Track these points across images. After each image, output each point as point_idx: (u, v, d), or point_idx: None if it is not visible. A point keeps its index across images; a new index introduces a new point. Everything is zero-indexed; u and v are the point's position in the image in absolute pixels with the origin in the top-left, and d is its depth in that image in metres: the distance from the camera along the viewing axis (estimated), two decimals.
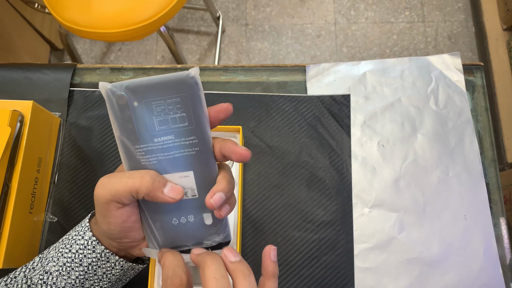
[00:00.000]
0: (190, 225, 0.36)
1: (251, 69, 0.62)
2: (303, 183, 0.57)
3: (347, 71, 0.62)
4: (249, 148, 0.57)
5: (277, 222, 0.55)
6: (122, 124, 0.32)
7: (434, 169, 0.57)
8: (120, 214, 0.34)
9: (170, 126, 0.32)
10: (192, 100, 0.32)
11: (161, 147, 0.33)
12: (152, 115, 0.32)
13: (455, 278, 0.53)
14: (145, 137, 0.33)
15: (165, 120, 0.32)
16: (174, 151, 0.33)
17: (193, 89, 0.31)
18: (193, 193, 0.35)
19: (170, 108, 0.32)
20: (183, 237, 0.37)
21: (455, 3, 1.56)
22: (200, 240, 0.37)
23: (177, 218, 0.36)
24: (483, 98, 0.60)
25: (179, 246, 0.37)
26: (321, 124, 0.59)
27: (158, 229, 0.36)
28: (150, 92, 0.31)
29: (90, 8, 0.95)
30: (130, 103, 0.32)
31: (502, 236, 0.55)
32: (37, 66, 0.62)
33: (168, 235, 0.37)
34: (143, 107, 0.32)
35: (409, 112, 0.59)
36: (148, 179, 0.33)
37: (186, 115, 0.32)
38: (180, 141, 0.33)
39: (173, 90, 0.31)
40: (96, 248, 0.37)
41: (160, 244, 0.37)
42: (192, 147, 0.33)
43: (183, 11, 1.60)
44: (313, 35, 1.55)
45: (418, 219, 0.55)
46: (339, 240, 0.54)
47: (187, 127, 0.32)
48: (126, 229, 0.35)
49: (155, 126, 0.32)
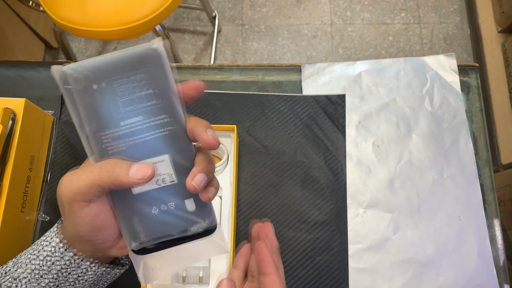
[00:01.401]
0: (172, 213, 0.33)
1: (247, 69, 0.62)
2: (298, 183, 0.56)
3: (342, 71, 0.62)
4: (244, 148, 0.57)
5: (272, 222, 0.55)
6: (82, 111, 0.29)
7: (429, 169, 0.57)
8: (86, 213, 0.31)
9: (137, 106, 0.29)
10: (158, 75, 0.29)
11: (129, 131, 0.30)
12: (115, 96, 0.29)
13: (449, 279, 0.53)
14: (110, 122, 0.30)
15: (131, 100, 0.29)
16: (145, 134, 0.30)
17: (158, 63, 0.28)
18: (171, 179, 0.32)
19: (135, 85, 0.29)
20: (166, 227, 0.33)
21: (450, 5, 1.57)
22: (185, 227, 0.33)
23: (157, 206, 0.32)
24: (477, 99, 0.60)
25: (163, 236, 0.33)
26: (316, 124, 0.59)
27: (136, 222, 0.33)
28: (110, 70, 0.28)
29: (85, 6, 0.95)
30: (88, 86, 0.29)
31: (496, 237, 0.55)
32: (30, 64, 0.61)
33: (149, 226, 0.33)
34: (104, 89, 0.29)
35: (404, 113, 0.59)
36: (107, 168, 0.30)
37: (153, 92, 0.29)
38: (150, 121, 0.30)
39: (135, 65, 0.28)
40: (64, 255, 0.34)
41: (141, 238, 0.33)
42: (164, 127, 0.30)
43: (179, 10, 1.59)
44: (309, 36, 1.55)
45: (413, 219, 0.55)
46: (333, 241, 0.54)
47: (156, 105, 0.30)
48: (96, 228, 0.32)
49: (120, 108, 0.29)
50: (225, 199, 0.53)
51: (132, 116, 0.30)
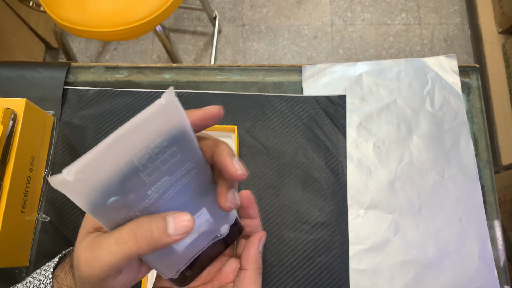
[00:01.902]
0: (203, 234, 0.32)
1: (247, 69, 0.62)
2: (298, 184, 0.56)
3: (343, 72, 0.62)
4: (244, 148, 0.57)
5: (272, 223, 0.55)
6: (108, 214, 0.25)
7: (430, 171, 0.57)
8: (118, 281, 0.28)
9: (161, 169, 0.25)
10: (174, 130, 0.24)
11: (157, 195, 0.27)
12: (138, 172, 0.24)
13: (450, 280, 0.53)
14: (135, 200, 0.26)
15: (155, 167, 0.25)
16: (173, 188, 0.27)
17: (174, 117, 0.24)
18: (209, 223, 0.31)
19: (156, 152, 0.24)
20: (198, 245, 0.32)
21: (451, 6, 1.57)
22: (214, 235, 0.33)
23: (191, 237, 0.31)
24: (478, 100, 0.60)
25: (196, 253, 0.32)
26: (317, 124, 0.59)
27: (171, 258, 0.31)
28: (127, 151, 0.23)
29: (85, 7, 0.95)
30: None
31: (496, 238, 0.55)
32: (31, 64, 0.61)
33: (183, 255, 0.31)
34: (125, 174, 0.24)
35: (405, 114, 0.59)
36: (143, 234, 0.25)
37: (176, 149, 0.25)
38: (175, 175, 0.27)
39: (151, 131, 0.24)
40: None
41: (178, 267, 0.32)
42: (190, 173, 0.28)
43: (179, 11, 1.59)
44: (309, 36, 1.55)
45: (413, 221, 0.55)
46: (334, 241, 0.54)
47: (179, 159, 0.26)
48: (125, 286, 0.29)
49: (145, 180, 0.25)
50: None
51: (157, 180, 0.26)
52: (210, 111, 0.27)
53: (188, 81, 0.61)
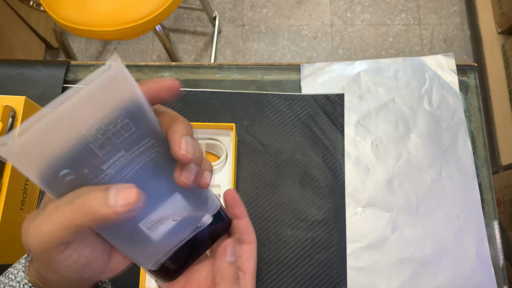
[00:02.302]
0: (180, 223, 0.30)
1: (246, 68, 0.62)
2: (296, 182, 0.56)
3: (341, 70, 0.62)
4: (243, 146, 0.57)
5: (270, 221, 0.55)
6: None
7: (427, 169, 0.57)
8: (67, 255, 0.25)
9: (115, 142, 0.24)
10: (125, 99, 0.23)
11: (114, 171, 0.25)
12: (89, 144, 0.23)
13: (448, 278, 0.53)
14: (89, 175, 0.24)
15: (107, 139, 0.24)
16: (132, 166, 0.26)
17: (123, 88, 0.23)
18: (186, 211, 0.30)
19: (106, 123, 0.23)
20: (177, 237, 0.31)
21: (450, 6, 1.57)
22: (194, 226, 0.31)
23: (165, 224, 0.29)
24: (476, 98, 0.60)
25: (175, 245, 0.31)
26: (315, 123, 0.59)
27: (145, 247, 0.29)
28: (76, 121, 0.22)
29: (85, 6, 0.95)
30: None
31: (494, 236, 0.55)
32: (31, 62, 0.61)
33: (159, 246, 0.30)
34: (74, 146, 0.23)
35: (403, 112, 0.59)
36: (80, 203, 0.23)
37: (128, 121, 0.24)
38: (133, 151, 0.25)
39: (100, 101, 0.23)
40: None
41: (156, 258, 0.31)
42: (151, 150, 0.26)
43: (179, 11, 1.60)
44: (309, 37, 1.55)
45: (411, 219, 0.55)
46: (332, 239, 0.54)
47: (135, 133, 0.25)
48: (82, 266, 0.26)
49: (97, 153, 0.24)
50: None
51: (112, 154, 0.25)
52: (164, 83, 0.26)
53: (187, 80, 0.62)
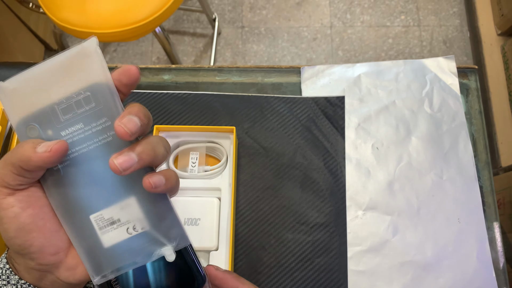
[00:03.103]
0: (135, 237, 0.29)
1: (246, 70, 0.62)
2: (297, 185, 0.56)
3: (342, 73, 0.62)
4: (243, 149, 0.57)
5: (271, 224, 0.55)
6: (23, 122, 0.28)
7: (428, 172, 0.57)
8: (10, 203, 0.27)
9: (75, 111, 0.28)
10: (92, 76, 0.27)
11: (70, 141, 0.28)
12: (54, 105, 0.27)
13: (449, 281, 0.53)
14: (50, 137, 0.28)
15: (69, 106, 0.28)
16: (88, 143, 0.28)
17: (89, 62, 0.27)
18: (141, 224, 0.29)
19: (71, 91, 0.27)
20: (127, 255, 0.29)
21: (450, 8, 1.57)
22: (149, 252, 0.29)
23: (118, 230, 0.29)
24: (477, 101, 0.60)
25: (125, 266, 0.29)
26: (316, 125, 0.59)
27: (94, 250, 0.29)
28: (46, 81, 0.27)
29: (84, 8, 0.95)
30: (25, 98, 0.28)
31: (495, 239, 0.55)
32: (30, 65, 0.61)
33: (110, 256, 0.29)
34: (41, 99, 0.28)
35: (403, 115, 0.59)
36: (18, 147, 0.27)
37: (90, 95, 0.27)
38: (91, 127, 0.28)
39: (69, 71, 0.27)
40: (11, 279, 0.29)
41: (108, 271, 0.29)
42: (106, 132, 0.28)
43: (179, 12, 1.59)
44: (309, 38, 1.55)
45: (412, 222, 0.55)
46: (332, 243, 0.54)
47: (94, 109, 0.28)
48: (23, 226, 0.27)
49: (59, 117, 0.28)
50: (224, 200, 0.53)
51: (72, 124, 0.28)
52: (122, 67, 0.28)
53: (187, 82, 0.61)
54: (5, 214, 0.27)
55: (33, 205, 0.28)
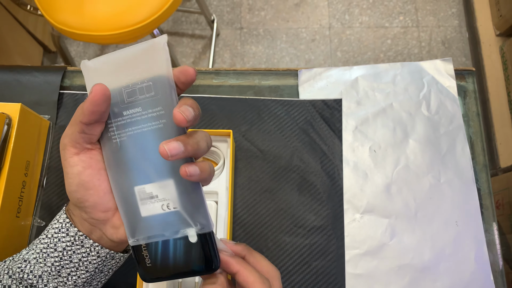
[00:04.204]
0: (167, 216, 0.33)
1: (243, 73, 0.62)
2: (294, 188, 0.56)
3: (339, 76, 0.62)
4: (240, 152, 0.57)
5: (268, 227, 0.55)
6: None
7: (426, 174, 0.57)
8: (75, 161, 0.33)
9: (138, 98, 0.32)
10: (155, 68, 0.32)
11: (129, 120, 0.33)
12: (122, 88, 0.32)
13: (446, 285, 0.52)
14: (115, 113, 0.33)
15: (133, 91, 0.32)
16: (142, 125, 0.33)
17: (156, 57, 0.31)
18: (173, 202, 0.33)
19: (137, 78, 0.32)
20: (160, 225, 0.34)
21: (449, 9, 1.57)
22: (176, 229, 0.33)
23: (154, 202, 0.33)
24: (474, 103, 0.60)
25: (155, 236, 0.34)
26: (313, 128, 0.59)
27: (134, 215, 0.34)
28: (120, 66, 0.32)
29: (82, 10, 0.95)
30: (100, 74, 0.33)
31: (493, 241, 0.55)
32: (27, 68, 0.61)
33: (142, 219, 0.34)
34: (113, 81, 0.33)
35: (401, 118, 0.59)
36: (79, 108, 0.32)
37: (152, 84, 0.32)
38: (147, 113, 0.32)
39: (139, 61, 0.32)
40: (70, 231, 0.35)
41: (140, 234, 0.34)
42: (159, 119, 0.32)
43: (178, 14, 1.59)
44: (307, 39, 1.55)
45: (410, 225, 0.55)
46: (330, 246, 0.54)
47: (153, 97, 0.32)
48: (83, 183, 0.33)
49: (124, 99, 0.33)
50: (221, 203, 0.53)
51: (133, 107, 0.32)
52: (181, 67, 0.32)
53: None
54: (70, 171, 0.33)
55: (93, 166, 0.33)
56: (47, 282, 0.35)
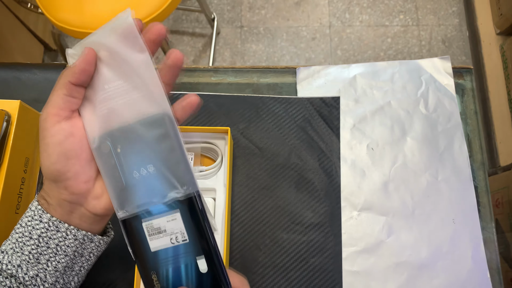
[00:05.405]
0: (153, 178, 0.33)
1: (242, 71, 0.62)
2: (292, 185, 0.56)
3: (337, 74, 0.62)
4: (238, 150, 0.57)
5: (266, 224, 0.55)
6: None
7: (423, 172, 0.57)
8: (57, 130, 0.32)
9: (119, 69, 0.34)
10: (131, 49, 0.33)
11: (110, 93, 0.34)
12: (101, 62, 0.34)
13: (443, 282, 0.53)
14: (97, 86, 0.34)
15: (111, 64, 0.34)
16: (122, 96, 0.34)
17: (127, 31, 0.34)
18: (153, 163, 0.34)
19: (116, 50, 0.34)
20: (145, 189, 0.34)
21: (449, 7, 1.57)
22: (164, 193, 0.33)
23: (137, 171, 0.33)
24: (472, 101, 0.60)
25: (144, 204, 0.34)
26: (311, 126, 0.59)
27: (120, 186, 0.34)
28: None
29: (82, 9, 0.95)
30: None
31: (490, 239, 0.55)
32: (26, 65, 0.61)
33: (126, 187, 0.34)
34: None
35: (398, 116, 0.59)
36: (64, 72, 0.33)
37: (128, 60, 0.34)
38: (128, 84, 0.34)
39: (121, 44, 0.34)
40: (43, 217, 0.34)
41: (126, 204, 0.34)
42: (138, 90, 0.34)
43: (178, 12, 1.59)
44: (308, 38, 1.55)
45: (407, 222, 0.55)
46: (327, 243, 0.54)
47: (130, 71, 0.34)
48: (65, 152, 0.33)
49: (106, 74, 0.34)
50: (219, 201, 0.53)
51: (114, 80, 0.34)
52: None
53: (183, 83, 0.62)
54: (51, 141, 0.32)
55: (75, 135, 0.33)
56: (27, 270, 0.35)
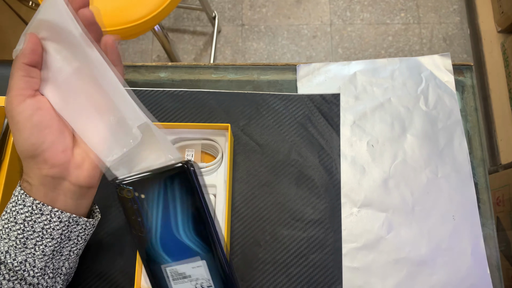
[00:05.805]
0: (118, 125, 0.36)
1: (242, 68, 0.62)
2: (292, 182, 0.56)
3: (337, 71, 0.62)
4: (239, 147, 0.57)
5: (266, 220, 0.55)
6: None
7: (423, 169, 0.57)
8: (23, 107, 0.33)
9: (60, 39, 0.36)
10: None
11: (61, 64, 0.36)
12: (46, 41, 0.36)
13: (443, 278, 0.53)
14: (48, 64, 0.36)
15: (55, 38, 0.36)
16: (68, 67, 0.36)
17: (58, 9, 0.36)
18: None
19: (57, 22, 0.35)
20: (115, 141, 0.36)
21: (450, 5, 1.56)
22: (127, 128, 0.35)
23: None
24: (472, 98, 0.60)
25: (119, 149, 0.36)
26: (311, 123, 0.59)
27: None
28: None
29: None
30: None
31: (490, 236, 0.55)
32: None
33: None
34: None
35: (399, 113, 0.59)
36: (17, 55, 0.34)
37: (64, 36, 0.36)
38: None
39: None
40: (26, 201, 0.35)
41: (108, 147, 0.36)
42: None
43: (179, 10, 1.60)
44: (308, 36, 1.55)
45: (407, 219, 0.55)
46: (327, 239, 0.54)
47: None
48: (36, 125, 0.34)
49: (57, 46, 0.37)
50: (219, 197, 0.53)
51: (61, 51, 0.36)
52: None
53: (183, 80, 0.62)
54: (20, 118, 0.33)
55: (42, 108, 0.34)
56: (15, 256, 0.35)
